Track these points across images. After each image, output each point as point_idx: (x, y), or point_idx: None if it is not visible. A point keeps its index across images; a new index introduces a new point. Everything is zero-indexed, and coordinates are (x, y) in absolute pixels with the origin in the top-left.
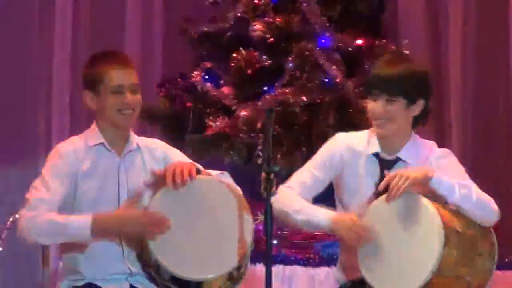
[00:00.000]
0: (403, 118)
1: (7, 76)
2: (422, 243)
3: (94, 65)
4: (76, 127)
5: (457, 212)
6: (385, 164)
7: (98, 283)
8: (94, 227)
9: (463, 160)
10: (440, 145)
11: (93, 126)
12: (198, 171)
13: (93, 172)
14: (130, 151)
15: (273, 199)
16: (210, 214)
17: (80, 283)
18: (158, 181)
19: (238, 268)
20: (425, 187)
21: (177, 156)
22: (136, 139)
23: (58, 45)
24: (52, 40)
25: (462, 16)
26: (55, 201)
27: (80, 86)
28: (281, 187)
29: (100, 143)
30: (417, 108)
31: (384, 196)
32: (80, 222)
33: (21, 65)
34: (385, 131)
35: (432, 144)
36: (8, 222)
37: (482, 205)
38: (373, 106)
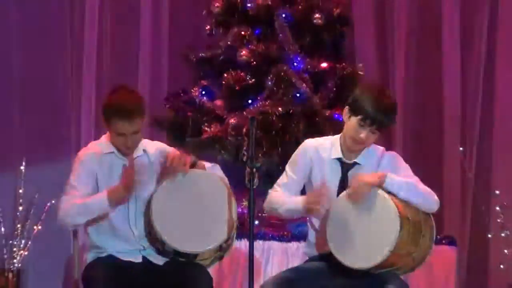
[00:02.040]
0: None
1: (47, 90)
2: (383, 227)
3: (107, 111)
4: (101, 130)
5: (407, 203)
6: (345, 167)
7: (118, 255)
8: (110, 200)
9: (405, 157)
10: (387, 148)
11: (107, 136)
12: (195, 163)
13: (109, 175)
14: (138, 156)
15: (264, 203)
16: (204, 199)
17: (103, 255)
18: (164, 173)
19: (226, 240)
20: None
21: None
22: (143, 145)
23: (86, 64)
24: (82, 61)
25: (405, 42)
26: (83, 197)
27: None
28: (269, 191)
29: (112, 152)
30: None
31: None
32: (99, 199)
33: (56, 80)
34: (359, 149)
35: (382, 149)
36: (46, 208)
37: (425, 197)
38: (361, 132)
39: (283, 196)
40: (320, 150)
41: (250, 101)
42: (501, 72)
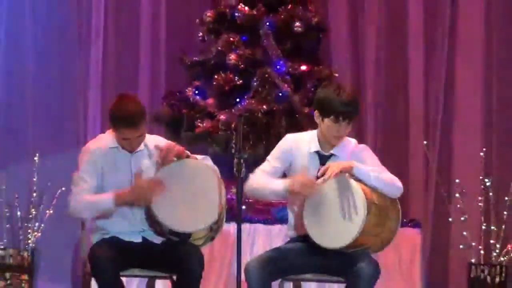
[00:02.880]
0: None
1: (59, 90)
2: (352, 211)
3: (113, 120)
4: (106, 124)
5: (374, 189)
6: (323, 159)
7: (120, 236)
8: (115, 201)
9: (375, 150)
10: (360, 141)
11: (112, 132)
12: (188, 156)
13: (113, 167)
14: (139, 151)
15: (245, 186)
16: (196, 185)
17: (107, 236)
18: (160, 162)
19: (217, 222)
20: (350, 173)
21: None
22: (144, 141)
23: (93, 66)
24: (89, 63)
25: (375, 48)
26: (91, 189)
27: (107, 97)
28: (250, 175)
29: (116, 147)
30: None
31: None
32: (106, 200)
33: (66, 80)
34: (332, 141)
35: (355, 142)
36: (56, 194)
37: (390, 184)
38: (339, 129)
39: (263, 178)
40: (299, 144)
41: (238, 100)
42: (460, 75)
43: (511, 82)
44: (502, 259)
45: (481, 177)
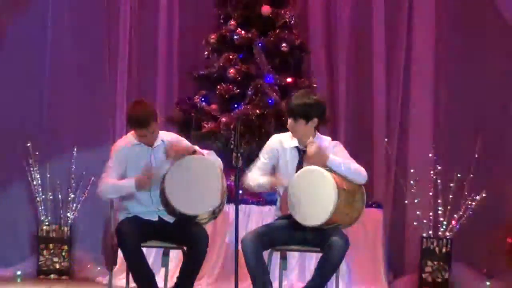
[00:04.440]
0: (304, 129)
1: (92, 95)
2: (326, 195)
3: (129, 122)
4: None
5: (344, 177)
6: (301, 153)
7: (140, 215)
8: (136, 185)
9: (346, 146)
10: (333, 138)
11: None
12: (195, 151)
13: (136, 161)
14: (157, 145)
15: (244, 180)
16: (203, 175)
17: (130, 215)
18: (174, 157)
19: (219, 206)
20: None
21: (184, 141)
22: (161, 137)
23: (119, 77)
24: (116, 76)
25: (346, 64)
26: (116, 176)
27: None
28: (246, 172)
29: (140, 143)
30: (313, 123)
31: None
32: (128, 183)
33: (98, 87)
34: (295, 136)
35: (329, 139)
36: (90, 181)
37: (357, 173)
38: (293, 125)
39: (255, 175)
40: (283, 142)
41: (236, 106)
42: (414, 84)
43: (457, 90)
44: (448, 233)
45: (431, 168)
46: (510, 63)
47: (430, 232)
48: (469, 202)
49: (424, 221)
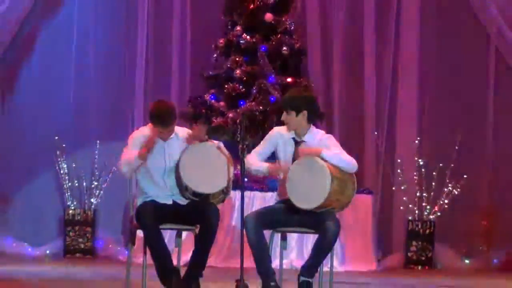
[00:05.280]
0: (295, 121)
1: (113, 95)
2: (320, 182)
3: (152, 119)
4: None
5: (336, 167)
6: (297, 143)
7: (157, 199)
8: (138, 154)
9: (340, 138)
10: (328, 131)
11: (151, 125)
12: (207, 140)
13: (152, 150)
14: (171, 138)
15: (245, 163)
16: (213, 161)
17: (148, 199)
18: (187, 143)
19: (227, 187)
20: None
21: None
22: (175, 131)
23: (138, 79)
24: (134, 77)
25: (339, 64)
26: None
27: (149, 101)
28: (247, 155)
29: None
30: (303, 115)
31: (300, 158)
32: (132, 156)
33: (117, 86)
34: (288, 128)
35: (322, 132)
36: (111, 171)
37: (348, 163)
38: (285, 117)
39: (255, 159)
40: (282, 133)
41: (241, 103)
42: (401, 83)
43: (438, 89)
44: (431, 217)
45: (416, 158)
46: (483, 60)
47: (415, 215)
48: (450, 189)
49: (410, 206)
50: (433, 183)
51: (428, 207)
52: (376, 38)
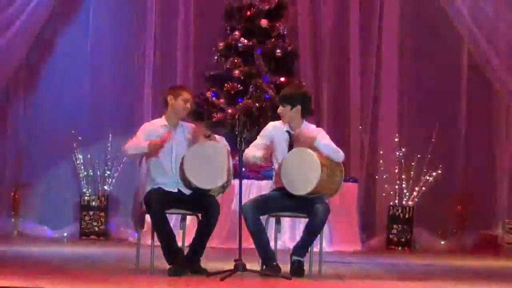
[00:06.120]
0: (290, 114)
1: (124, 93)
2: (311, 171)
3: (178, 87)
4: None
5: (326, 157)
6: (291, 135)
7: (163, 187)
8: (148, 147)
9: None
10: (318, 126)
11: (163, 116)
12: (210, 135)
13: (156, 137)
14: (178, 128)
15: (244, 155)
16: (214, 156)
17: (156, 187)
18: (193, 140)
19: (227, 182)
20: (311, 145)
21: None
22: (181, 125)
23: (147, 78)
24: (144, 77)
25: (327, 66)
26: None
27: (157, 98)
28: (246, 149)
29: (165, 125)
30: (297, 110)
31: (293, 150)
32: (144, 143)
33: (129, 87)
34: (283, 120)
35: (314, 126)
36: (122, 161)
37: (336, 153)
38: (281, 110)
39: (253, 152)
40: (277, 127)
41: (240, 100)
42: (383, 84)
43: (416, 88)
44: (410, 203)
45: (396, 150)
46: (457, 61)
47: (396, 201)
48: (427, 178)
49: (391, 192)
50: (412, 173)
51: (407, 194)
52: (361, 43)
